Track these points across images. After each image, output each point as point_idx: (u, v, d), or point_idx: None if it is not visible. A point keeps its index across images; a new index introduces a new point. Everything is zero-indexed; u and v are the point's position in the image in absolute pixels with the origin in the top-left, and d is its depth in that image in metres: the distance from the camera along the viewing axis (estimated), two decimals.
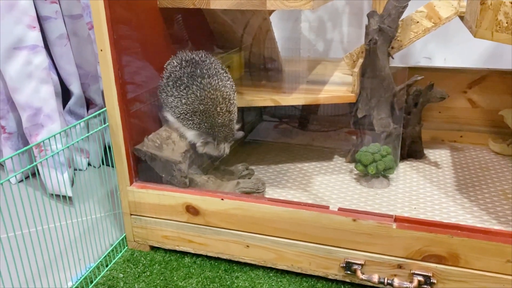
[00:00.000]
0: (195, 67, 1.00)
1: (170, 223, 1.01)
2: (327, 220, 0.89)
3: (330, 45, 1.83)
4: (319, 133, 1.65)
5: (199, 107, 0.98)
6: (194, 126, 1.00)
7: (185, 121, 1.00)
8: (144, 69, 1.06)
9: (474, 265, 0.82)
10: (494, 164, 1.35)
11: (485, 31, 0.96)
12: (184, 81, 0.99)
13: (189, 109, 0.99)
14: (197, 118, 0.99)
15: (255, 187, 1.00)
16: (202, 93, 0.98)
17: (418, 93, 1.28)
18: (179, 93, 0.99)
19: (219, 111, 1.00)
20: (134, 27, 1.00)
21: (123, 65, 0.95)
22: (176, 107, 0.99)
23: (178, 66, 1.01)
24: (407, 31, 1.27)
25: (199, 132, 1.01)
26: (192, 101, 0.98)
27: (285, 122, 1.71)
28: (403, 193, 1.20)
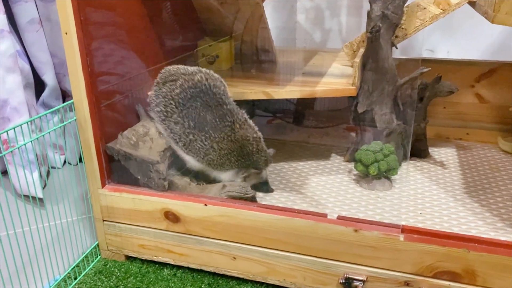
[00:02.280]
0: (210, 105, 0.92)
1: (147, 231, 0.90)
2: (324, 230, 0.78)
3: (328, 35, 1.71)
4: (315, 129, 1.53)
5: (235, 146, 0.91)
6: (232, 165, 0.93)
7: (219, 166, 0.92)
8: (120, 57, 0.94)
9: (494, 284, 0.71)
10: (505, 164, 1.25)
11: (506, 16, 0.85)
12: (209, 124, 0.91)
13: (224, 153, 0.91)
14: (234, 157, 0.92)
15: (243, 191, 0.89)
16: (234, 132, 0.91)
17: (424, 87, 1.17)
18: (207, 138, 0.91)
19: (252, 141, 0.93)
20: (107, 8, 0.88)
21: (92, 52, 0.83)
22: (206, 154, 0.91)
23: (188, 100, 0.91)
24: (413, 18, 1.16)
25: (237, 169, 0.94)
26: (226, 145, 0.91)
27: (279, 118, 1.60)
28: (407, 196, 1.09)
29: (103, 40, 0.88)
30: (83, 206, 1.14)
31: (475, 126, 1.40)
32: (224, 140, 0.91)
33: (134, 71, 0.97)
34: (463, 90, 1.38)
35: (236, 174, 0.94)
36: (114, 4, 0.90)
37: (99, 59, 0.86)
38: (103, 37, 0.88)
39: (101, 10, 0.86)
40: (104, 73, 0.89)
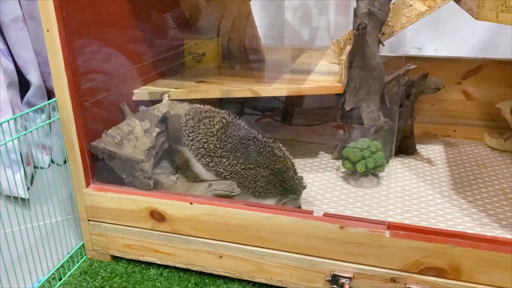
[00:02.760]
0: (246, 138, 0.94)
1: (132, 230, 0.89)
2: (310, 228, 0.78)
3: (316, 33, 1.71)
4: (303, 127, 1.53)
5: (277, 173, 0.92)
6: (276, 192, 0.93)
7: (264, 194, 0.92)
8: (104, 55, 0.93)
9: (479, 279, 0.71)
10: (491, 160, 1.25)
11: (489, 12, 0.85)
12: (251, 155, 0.92)
13: (268, 181, 0.92)
14: (277, 184, 0.92)
15: (230, 189, 0.88)
16: (275, 159, 0.92)
17: (411, 84, 1.17)
18: (252, 169, 0.91)
19: (290, 166, 0.94)
20: (90, 5, 0.87)
21: (75, 49, 0.82)
22: (253, 184, 0.91)
23: (228, 136, 0.92)
24: (399, 16, 1.16)
25: (279, 196, 0.93)
26: (269, 173, 0.91)
27: (267, 116, 1.59)
28: (395, 193, 1.09)
29: (86, 37, 0.87)
30: (68, 206, 1.12)
31: (462, 123, 1.41)
32: (267, 169, 0.91)
33: (119, 69, 0.96)
34: (450, 87, 1.39)
35: (279, 201, 0.93)
36: (97, 1, 0.89)
37: (83, 57, 0.85)
38: (86, 35, 0.86)
39: (84, 7, 0.85)
40: (88, 71, 0.87)
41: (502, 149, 1.31)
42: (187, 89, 1.03)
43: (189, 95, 1.02)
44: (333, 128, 1.50)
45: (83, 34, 0.85)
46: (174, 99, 1.02)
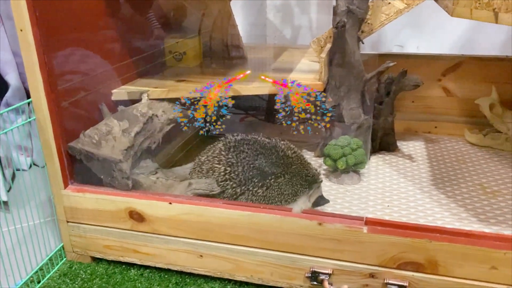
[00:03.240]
0: (262, 152, 0.95)
1: (112, 231, 0.88)
2: (289, 225, 0.78)
3: (298, 32, 1.71)
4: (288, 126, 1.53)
5: (296, 171, 0.94)
6: (303, 188, 0.94)
7: (293, 196, 0.93)
8: (81, 55, 0.92)
9: (455, 273, 0.72)
10: (471, 156, 1.27)
11: (463, 9, 0.86)
12: (271, 164, 0.93)
13: (292, 182, 0.93)
14: (301, 180, 0.93)
15: (209, 188, 0.88)
16: (291, 159, 0.95)
17: (391, 81, 1.18)
18: (277, 177, 0.92)
19: (303, 160, 0.97)
20: (66, 4, 0.86)
21: (50, 49, 0.81)
22: (281, 192, 0.92)
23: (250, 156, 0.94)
24: (378, 13, 1.17)
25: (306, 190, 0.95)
26: (291, 174, 0.93)
27: (251, 115, 1.59)
28: (375, 189, 1.10)
29: (62, 37, 0.86)
30: (48, 209, 1.11)
31: (443, 119, 1.42)
32: (287, 174, 0.92)
33: (97, 68, 0.95)
34: (431, 84, 1.40)
35: (308, 196, 0.95)
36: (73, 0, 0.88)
37: (59, 57, 0.84)
38: (62, 34, 0.86)
39: (59, 6, 0.84)
40: (64, 71, 0.86)
41: (482, 144, 1.32)
42: (167, 88, 1.02)
43: (169, 94, 1.01)
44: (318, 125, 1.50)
45: (58, 34, 0.84)
46: (153, 99, 1.01)
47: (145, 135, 0.92)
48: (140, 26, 1.14)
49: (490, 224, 0.95)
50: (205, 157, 0.95)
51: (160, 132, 0.95)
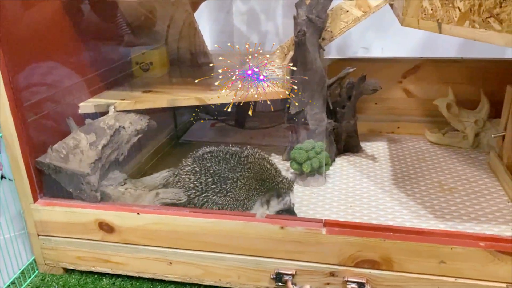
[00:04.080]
0: (224, 161, 0.97)
1: (83, 243, 0.91)
2: (253, 229, 0.82)
3: (265, 37, 1.76)
4: (257, 131, 1.57)
5: (257, 176, 0.96)
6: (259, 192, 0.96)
7: (250, 201, 0.95)
8: (47, 70, 0.94)
9: (408, 268, 0.77)
10: (431, 154, 1.33)
11: (412, 19, 0.92)
12: (231, 171, 0.95)
13: (250, 187, 0.95)
14: (258, 186, 0.96)
15: (176, 197, 0.91)
16: (252, 164, 0.97)
17: (351, 86, 1.23)
18: (235, 183, 0.94)
19: (270, 167, 0.99)
20: (28, 18, 0.87)
21: (14, 66, 0.83)
22: (243, 198, 0.94)
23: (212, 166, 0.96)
24: (337, 21, 1.22)
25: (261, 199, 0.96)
26: (249, 179, 0.95)
27: (221, 121, 1.62)
28: (340, 190, 1.15)
29: (26, 53, 0.87)
30: (19, 222, 1.12)
31: (404, 120, 1.49)
32: (248, 176, 0.95)
33: (62, 83, 0.97)
34: (392, 86, 1.46)
35: (264, 201, 0.96)
36: (36, 14, 0.89)
37: (23, 73, 0.86)
38: (26, 50, 0.87)
39: (22, 23, 0.85)
40: (29, 87, 0.88)
41: (441, 143, 1.39)
42: (134, 100, 1.05)
43: (136, 105, 1.04)
44: (286, 130, 1.54)
45: (22, 50, 0.86)
46: (120, 110, 1.03)
47: (113, 147, 0.94)
48: (105, 38, 1.15)
49: (445, 220, 1.00)
50: (178, 169, 0.99)
51: (128, 143, 0.97)
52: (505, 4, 0.68)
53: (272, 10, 1.70)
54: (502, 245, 0.73)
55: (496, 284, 0.75)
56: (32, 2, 0.87)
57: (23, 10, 0.86)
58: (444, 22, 0.82)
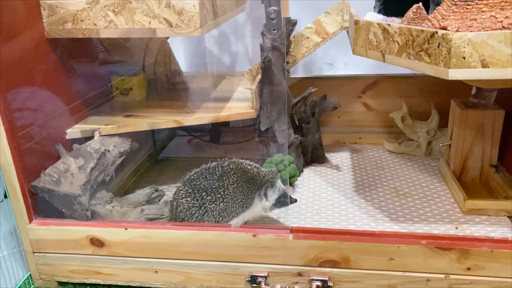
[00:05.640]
0: (211, 175, 1.06)
1: (76, 257, 1.00)
2: (229, 238, 0.93)
3: (236, 58, 1.88)
4: (232, 145, 1.69)
5: (244, 179, 1.05)
6: (253, 193, 1.05)
7: (247, 202, 1.05)
8: (35, 101, 1.03)
9: (363, 266, 0.90)
10: (388, 162, 1.48)
11: (361, 49, 1.05)
12: (219, 183, 1.04)
13: (242, 190, 1.04)
14: (249, 188, 1.04)
15: (160, 212, 1.02)
16: (236, 171, 1.06)
17: (314, 104, 1.37)
18: (225, 192, 1.03)
19: (251, 168, 1.07)
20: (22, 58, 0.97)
21: (8, 100, 0.92)
22: (240, 201, 1.04)
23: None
24: (300, 47, 1.35)
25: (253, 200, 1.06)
26: (240, 183, 1.04)
27: (197, 137, 1.73)
28: (307, 198, 1.27)
29: (18, 88, 0.96)
30: (13, 240, 1.20)
31: (365, 131, 1.63)
32: (235, 179, 1.05)
33: (51, 112, 1.06)
34: (353, 100, 1.61)
35: (261, 196, 1.06)
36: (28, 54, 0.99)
37: (17, 106, 0.95)
38: (18, 86, 0.96)
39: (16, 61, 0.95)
40: (22, 118, 0.97)
41: (398, 151, 1.54)
42: (116, 125, 1.15)
43: (119, 130, 1.14)
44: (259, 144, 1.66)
45: (15, 86, 0.95)
46: (105, 135, 1.13)
47: (99, 169, 1.04)
48: (87, 68, 1.25)
49: (399, 222, 1.14)
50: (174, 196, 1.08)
51: (113, 165, 1.07)
52: (432, 41, 0.82)
53: (241, 31, 1.82)
54: (439, 242, 0.87)
55: (436, 275, 0.88)
56: (19, 38, 0.97)
57: (15, 49, 0.95)
58: (387, 53, 0.95)
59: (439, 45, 0.80)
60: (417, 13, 0.99)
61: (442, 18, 0.87)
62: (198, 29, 0.97)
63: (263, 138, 1.39)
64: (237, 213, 1.05)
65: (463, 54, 0.78)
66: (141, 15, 0.98)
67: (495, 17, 0.84)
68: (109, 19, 0.99)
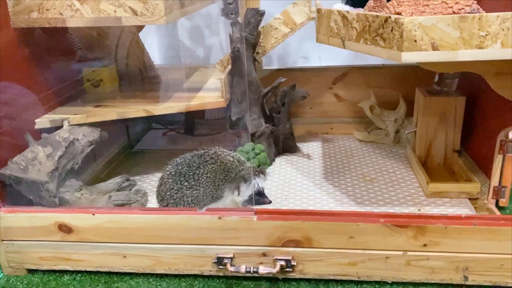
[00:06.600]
0: (187, 165, 1.11)
1: (45, 244, 1.01)
2: (195, 221, 0.95)
3: (210, 51, 1.90)
4: (206, 137, 1.70)
5: (219, 169, 1.10)
6: (225, 182, 1.10)
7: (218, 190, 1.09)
8: (4, 92, 1.03)
9: (325, 245, 0.93)
10: (358, 151, 1.51)
11: (323, 37, 1.08)
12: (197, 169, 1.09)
13: (214, 179, 1.09)
14: (222, 176, 1.09)
15: (127, 198, 1.03)
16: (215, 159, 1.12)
17: (284, 94, 1.39)
18: (201, 178, 1.09)
19: (232, 159, 1.12)
20: None
21: None
22: (210, 187, 1.09)
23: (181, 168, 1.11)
24: (269, 37, 1.38)
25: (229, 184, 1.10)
26: (213, 172, 1.09)
27: (172, 129, 1.75)
28: (277, 185, 1.30)
29: None
30: None
31: (337, 121, 1.66)
32: (211, 170, 1.09)
33: (20, 102, 1.07)
34: (324, 91, 1.64)
35: (231, 190, 1.10)
36: None
37: None
38: None
39: None
40: None
41: (367, 140, 1.58)
42: (85, 114, 1.16)
43: (88, 119, 1.15)
44: (233, 135, 1.69)
45: None
46: (74, 124, 1.14)
47: (68, 157, 1.05)
48: (57, 59, 1.26)
49: (364, 205, 1.17)
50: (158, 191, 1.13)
51: (82, 154, 1.08)
52: (386, 26, 0.86)
53: (215, 24, 1.84)
54: (397, 220, 0.90)
55: (395, 252, 0.92)
56: None
57: None
58: (346, 40, 0.99)
59: (392, 30, 0.84)
60: (378, 1, 1.03)
61: (398, 5, 0.91)
62: (163, 17, 0.99)
63: (235, 128, 1.42)
64: (207, 202, 1.07)
65: (415, 37, 0.82)
66: (106, 4, 0.99)
67: (446, 3, 0.88)
68: (75, 8, 1.00)
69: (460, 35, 0.81)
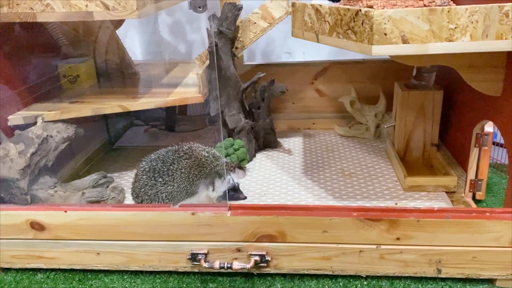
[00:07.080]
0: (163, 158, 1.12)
1: (17, 242, 1.00)
2: (169, 218, 0.94)
3: (192, 46, 1.88)
4: (188, 133, 1.70)
5: (194, 165, 1.09)
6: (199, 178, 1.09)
7: (192, 186, 1.08)
8: None
9: (299, 239, 0.93)
10: (338, 145, 1.51)
11: (298, 31, 1.08)
12: (170, 165, 1.09)
13: (189, 175, 1.09)
14: (196, 172, 1.09)
15: (100, 195, 1.02)
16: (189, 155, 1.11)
17: (264, 89, 1.39)
18: (175, 174, 1.08)
19: (207, 155, 1.12)
20: None
21: None
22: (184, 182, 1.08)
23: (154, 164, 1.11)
24: (247, 32, 1.37)
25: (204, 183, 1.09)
26: (188, 168, 1.09)
27: (153, 126, 1.74)
28: (256, 181, 1.30)
29: None
30: None
31: (318, 117, 1.66)
32: (185, 165, 1.09)
33: None
34: (306, 87, 1.64)
35: (206, 185, 1.09)
36: None
37: None
38: None
39: None
40: None
41: (348, 135, 1.58)
42: (60, 111, 1.14)
43: (62, 115, 1.13)
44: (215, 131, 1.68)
45: None
46: (48, 121, 1.13)
47: (41, 154, 1.04)
48: (32, 55, 1.24)
49: (342, 200, 1.17)
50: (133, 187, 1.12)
51: (56, 150, 1.07)
52: (357, 19, 0.85)
53: (196, 20, 1.83)
54: (370, 213, 0.90)
55: (368, 246, 0.92)
56: None
57: None
58: (320, 34, 0.98)
59: (363, 23, 0.83)
60: None
61: None
62: (135, 11, 0.98)
63: (215, 124, 1.41)
64: (181, 198, 1.07)
65: (385, 30, 0.81)
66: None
67: None
68: (45, 3, 0.99)
69: (430, 27, 0.81)
